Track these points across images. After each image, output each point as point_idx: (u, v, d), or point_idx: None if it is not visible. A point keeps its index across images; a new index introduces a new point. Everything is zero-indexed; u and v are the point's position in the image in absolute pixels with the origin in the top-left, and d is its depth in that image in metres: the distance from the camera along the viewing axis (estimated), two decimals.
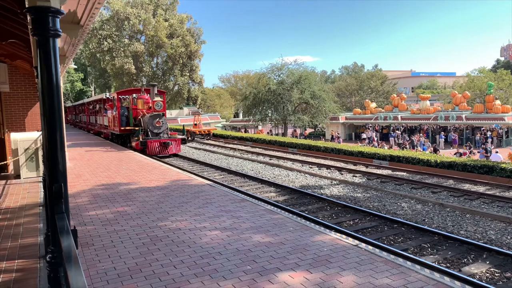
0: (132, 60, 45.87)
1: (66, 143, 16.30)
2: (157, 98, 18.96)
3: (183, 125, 24.91)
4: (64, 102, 40.33)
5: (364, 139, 36.05)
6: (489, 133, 33.94)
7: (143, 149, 17.65)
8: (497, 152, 21.91)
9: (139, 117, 19.61)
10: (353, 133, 43.10)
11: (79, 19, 6.24)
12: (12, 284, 4.17)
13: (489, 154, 22.09)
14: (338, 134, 38.27)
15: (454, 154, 22.80)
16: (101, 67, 50.12)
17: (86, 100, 37.38)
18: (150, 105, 19.52)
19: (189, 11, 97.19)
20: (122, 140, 21.26)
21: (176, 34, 46.30)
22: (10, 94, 11.71)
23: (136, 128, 19.03)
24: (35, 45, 5.28)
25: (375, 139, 35.69)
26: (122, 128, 20.33)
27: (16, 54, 9.92)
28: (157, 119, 18.54)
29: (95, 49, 46.60)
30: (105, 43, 45.39)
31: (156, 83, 19.63)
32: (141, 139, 17.57)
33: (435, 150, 25.31)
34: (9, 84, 11.60)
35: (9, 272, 4.49)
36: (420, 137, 33.55)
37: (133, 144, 18.40)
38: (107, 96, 24.20)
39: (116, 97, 20.98)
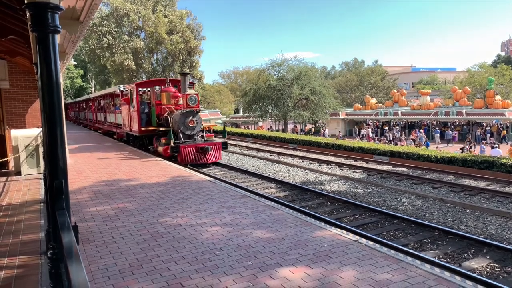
0: (132, 57, 45.74)
1: (71, 147, 16.07)
2: (191, 91, 14.73)
3: (224, 123, 22.24)
4: (64, 99, 40.14)
5: (363, 135, 36.15)
6: (488, 128, 33.92)
7: (171, 156, 14.16)
8: (498, 146, 21.93)
9: (165, 114, 15.77)
10: (353, 129, 43.06)
11: (78, 15, 6.23)
12: (14, 280, 4.19)
13: (497, 146, 22.02)
14: (340, 133, 38.23)
15: (460, 149, 22.80)
16: (101, 63, 49.98)
17: (93, 95, 33.27)
18: (181, 99, 15.34)
19: (189, 7, 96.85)
20: (140, 142, 17.78)
21: (175, 30, 46.14)
22: (10, 91, 11.70)
23: (162, 129, 15.28)
24: (34, 41, 5.28)
25: (370, 135, 35.75)
26: (143, 128, 16.42)
27: (15, 51, 9.90)
28: (191, 118, 14.46)
29: (94, 45, 46.45)
30: (105, 39, 45.25)
31: (189, 72, 15.61)
32: (172, 143, 13.71)
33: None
34: (9, 80, 11.59)
35: (11, 268, 4.51)
36: (420, 132, 33.52)
37: (160, 149, 14.75)
38: (122, 89, 20.30)
39: (134, 90, 16.88)
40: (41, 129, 9.37)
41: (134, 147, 17.71)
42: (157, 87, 16.80)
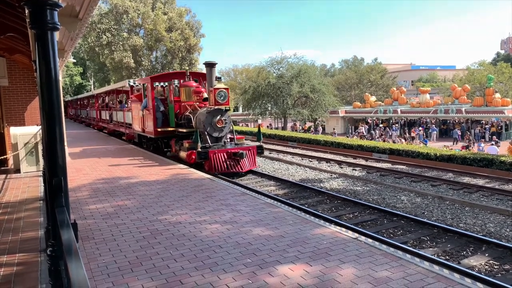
0: (131, 54, 45.69)
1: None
2: (219, 85, 12.38)
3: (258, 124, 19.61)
4: (64, 96, 39.97)
5: (358, 132, 36.25)
6: (487, 126, 33.93)
7: (195, 162, 11.71)
8: (497, 143, 21.98)
9: (186, 113, 13.53)
10: (347, 127, 43.07)
11: (77, 12, 6.21)
12: (13, 277, 4.19)
13: (499, 144, 22.05)
14: (334, 130, 38.25)
15: (462, 148, 22.84)
16: (100, 61, 49.89)
17: (97, 91, 30.74)
18: (205, 95, 13.01)
19: (188, 4, 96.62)
20: (154, 145, 15.52)
21: (175, 27, 46.07)
22: (9, 89, 11.68)
23: (183, 130, 13.21)
24: (33, 38, 5.26)
25: (364, 133, 35.83)
26: (159, 129, 14.10)
27: (14, 48, 9.89)
28: (219, 117, 12.15)
29: (94, 43, 46.40)
30: (104, 37, 45.18)
31: (216, 62, 12.80)
32: (199, 148, 11.46)
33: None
34: (8, 78, 11.58)
35: (10, 265, 4.51)
36: (419, 130, 33.55)
37: (183, 154, 12.33)
38: (132, 83, 18.09)
39: (148, 84, 14.52)
40: (40, 126, 9.36)
41: (147, 151, 15.47)
42: (176, 81, 14.72)
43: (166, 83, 15.62)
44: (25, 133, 10.41)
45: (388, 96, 47.25)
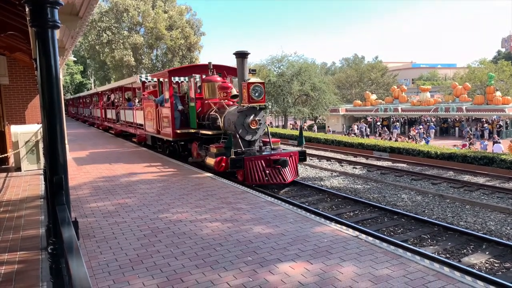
0: (131, 52, 45.65)
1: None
2: (254, 78, 10.36)
3: (301, 125, 17.64)
4: (64, 95, 39.91)
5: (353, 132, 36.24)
6: (486, 125, 33.86)
7: (224, 171, 9.92)
8: (499, 142, 21.96)
9: (211, 112, 11.69)
10: (343, 126, 42.98)
11: (77, 10, 6.22)
12: (15, 275, 4.20)
13: (499, 141, 22.02)
14: (329, 128, 38.18)
15: (463, 146, 22.80)
16: (100, 59, 49.87)
17: (101, 88, 28.85)
18: (234, 91, 11.44)
19: (188, 2, 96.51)
20: (171, 148, 13.73)
21: (175, 26, 46.03)
22: (10, 87, 11.69)
23: (207, 132, 11.27)
24: (34, 36, 5.26)
25: (356, 133, 35.75)
26: (178, 130, 12.40)
27: (15, 46, 9.89)
28: (252, 117, 10.21)
29: (94, 41, 46.37)
30: (104, 35, 45.15)
31: (248, 51, 10.70)
32: (233, 155, 9.49)
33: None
34: (9, 76, 11.59)
35: (11, 263, 4.52)
36: (420, 129, 33.51)
37: (210, 161, 10.23)
38: (144, 79, 16.09)
39: (166, 79, 12.82)
40: (41, 125, 9.37)
41: (163, 155, 13.72)
42: (197, 76, 12.59)
43: (184, 79, 14.18)
44: (26, 132, 10.41)
45: (388, 94, 47.18)
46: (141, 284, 3.99)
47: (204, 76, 12.56)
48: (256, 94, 10.09)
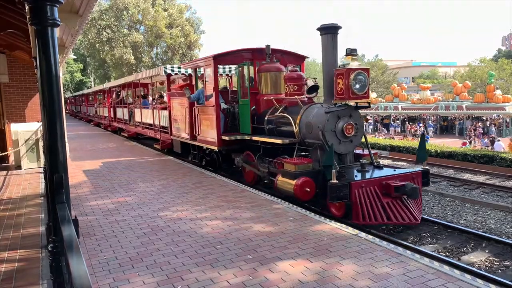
0: (131, 51, 45.66)
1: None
2: (354, 63, 6.93)
3: (423, 132, 13.78)
4: (64, 93, 39.84)
5: None
6: (479, 124, 33.82)
7: (310, 199, 7.07)
8: (499, 140, 21.96)
9: (274, 112, 8.60)
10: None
11: (77, 8, 6.21)
12: (15, 273, 4.21)
13: (498, 140, 21.99)
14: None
15: (463, 145, 22.81)
16: (100, 57, 49.90)
17: (110, 84, 25.28)
18: (310, 82, 8.38)
19: (188, 1, 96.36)
20: (208, 158, 10.87)
21: (175, 24, 46.02)
22: (10, 85, 11.70)
23: (270, 140, 8.26)
24: (33, 34, 5.25)
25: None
26: (226, 137, 9.36)
27: (15, 45, 9.89)
28: (347, 119, 7.13)
29: (94, 39, 46.38)
30: (104, 33, 45.17)
31: (339, 25, 7.34)
32: (334, 177, 6.19)
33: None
34: (9, 74, 11.59)
35: (12, 262, 4.53)
36: (420, 127, 33.50)
37: (284, 183, 7.12)
38: (170, 70, 13.07)
39: (211, 68, 9.70)
40: (41, 123, 9.37)
41: (199, 167, 10.72)
42: (249, 64, 9.44)
43: (233, 67, 11.30)
44: (26, 130, 10.41)
45: (389, 93, 47.15)
46: (141, 282, 4.00)
47: (260, 64, 9.39)
48: (358, 86, 6.85)
